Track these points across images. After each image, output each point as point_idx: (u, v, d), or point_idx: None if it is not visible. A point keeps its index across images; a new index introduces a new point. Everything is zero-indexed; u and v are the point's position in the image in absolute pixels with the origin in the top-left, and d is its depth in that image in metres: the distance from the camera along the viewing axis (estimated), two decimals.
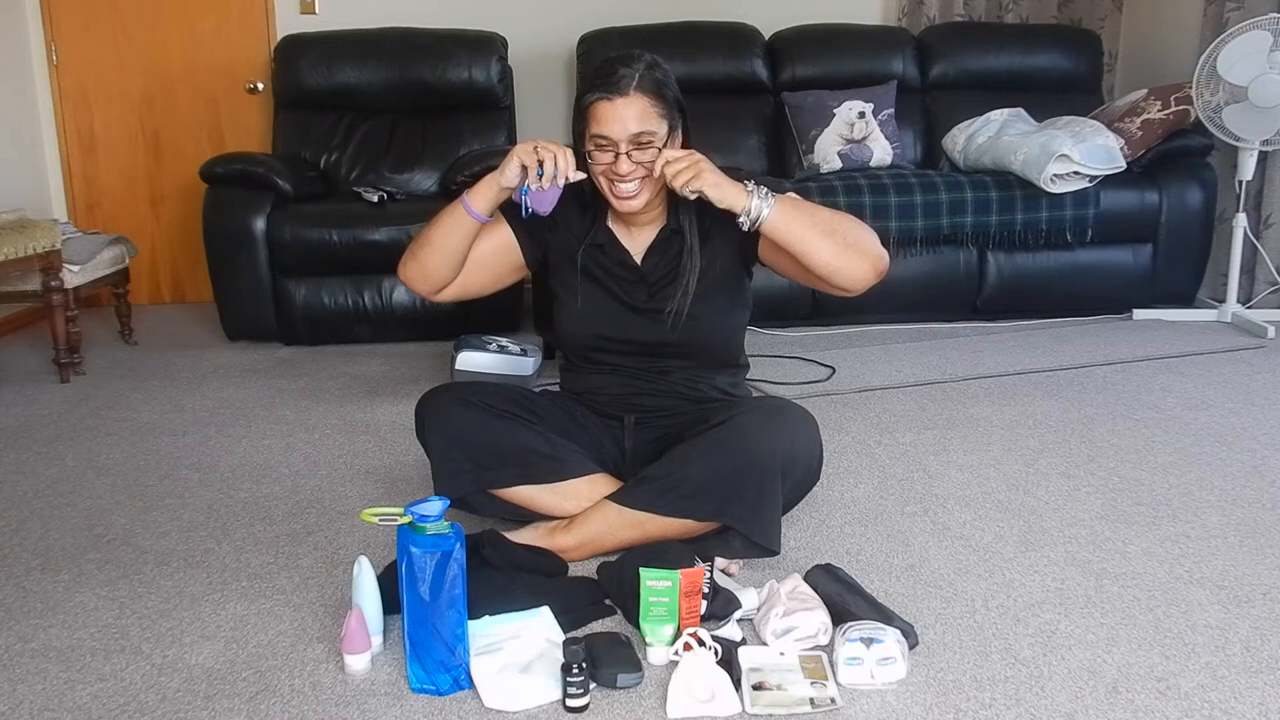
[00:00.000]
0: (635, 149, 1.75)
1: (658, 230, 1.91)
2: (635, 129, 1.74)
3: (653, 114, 1.76)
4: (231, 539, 2.00)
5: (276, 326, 3.62)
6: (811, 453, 1.86)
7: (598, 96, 1.76)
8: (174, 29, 4.41)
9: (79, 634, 1.64)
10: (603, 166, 1.78)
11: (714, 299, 1.89)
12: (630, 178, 1.77)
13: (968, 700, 1.41)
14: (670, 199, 1.88)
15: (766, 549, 1.76)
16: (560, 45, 4.52)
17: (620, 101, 1.74)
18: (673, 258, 1.89)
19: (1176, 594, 1.71)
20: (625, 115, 1.74)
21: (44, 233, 3.17)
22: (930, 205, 3.67)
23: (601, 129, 1.75)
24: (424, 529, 1.43)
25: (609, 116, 1.74)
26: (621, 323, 1.91)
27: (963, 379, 3.06)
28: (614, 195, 1.80)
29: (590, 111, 1.77)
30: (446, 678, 1.44)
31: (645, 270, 1.91)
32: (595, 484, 1.87)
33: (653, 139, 1.76)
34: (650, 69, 1.78)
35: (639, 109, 1.74)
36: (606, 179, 1.79)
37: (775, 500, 1.75)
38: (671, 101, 1.79)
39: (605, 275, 1.92)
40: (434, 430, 1.86)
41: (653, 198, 1.83)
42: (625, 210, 1.83)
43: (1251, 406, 2.74)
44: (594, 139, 1.77)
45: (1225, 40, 3.56)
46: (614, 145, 1.75)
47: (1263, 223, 3.90)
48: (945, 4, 4.64)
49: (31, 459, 2.51)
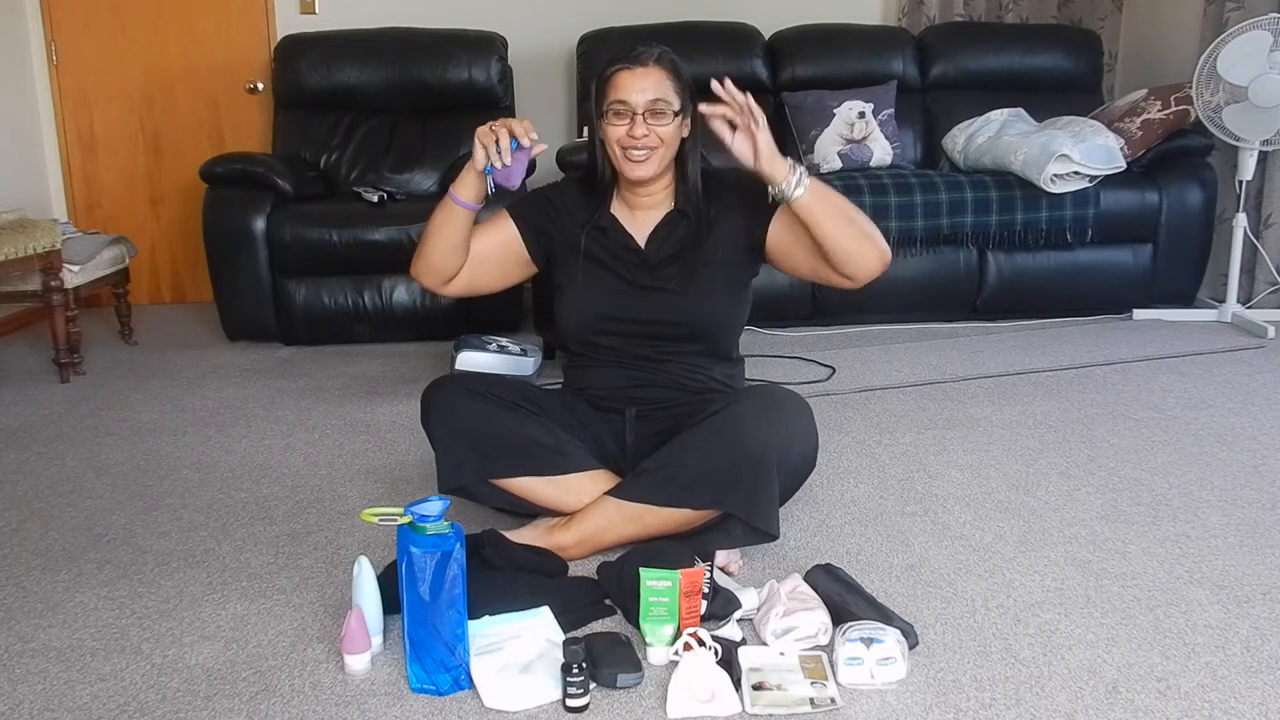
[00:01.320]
0: (651, 115, 1.82)
1: (663, 214, 1.95)
2: (652, 95, 1.82)
3: (669, 86, 1.85)
4: (231, 539, 2.01)
5: (276, 326, 3.62)
6: (807, 439, 1.86)
7: (619, 67, 1.85)
8: (174, 29, 4.41)
9: (79, 634, 1.64)
10: (619, 133, 1.84)
11: (715, 283, 1.92)
12: (642, 143, 1.83)
13: (968, 700, 1.41)
14: (678, 183, 1.93)
15: (766, 534, 1.77)
16: (560, 45, 4.52)
17: (640, 71, 1.84)
18: (677, 240, 1.93)
19: (1176, 594, 1.71)
20: (644, 83, 1.83)
21: (44, 233, 3.17)
22: (930, 205, 3.67)
23: (620, 94, 1.83)
24: (424, 529, 1.43)
25: (628, 84, 1.83)
26: (622, 302, 1.94)
27: (963, 379, 3.06)
28: (627, 160, 1.86)
29: (611, 81, 1.85)
30: (446, 678, 1.44)
31: (649, 253, 1.94)
32: (595, 480, 1.87)
33: (668, 107, 1.83)
34: (667, 52, 1.89)
35: (656, 78, 1.84)
36: (621, 147, 1.85)
37: (772, 486, 1.76)
38: (685, 84, 1.89)
39: (608, 257, 1.95)
40: (439, 419, 1.87)
41: (661, 169, 1.88)
42: (635, 176, 1.87)
43: (1251, 406, 2.74)
44: (613, 105, 1.84)
45: (1225, 40, 3.56)
46: (631, 109, 1.82)
47: (1263, 223, 3.89)
48: (945, 4, 4.64)
49: (31, 459, 2.51)
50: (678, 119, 1.86)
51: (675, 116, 1.85)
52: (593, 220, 1.96)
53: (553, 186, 2.06)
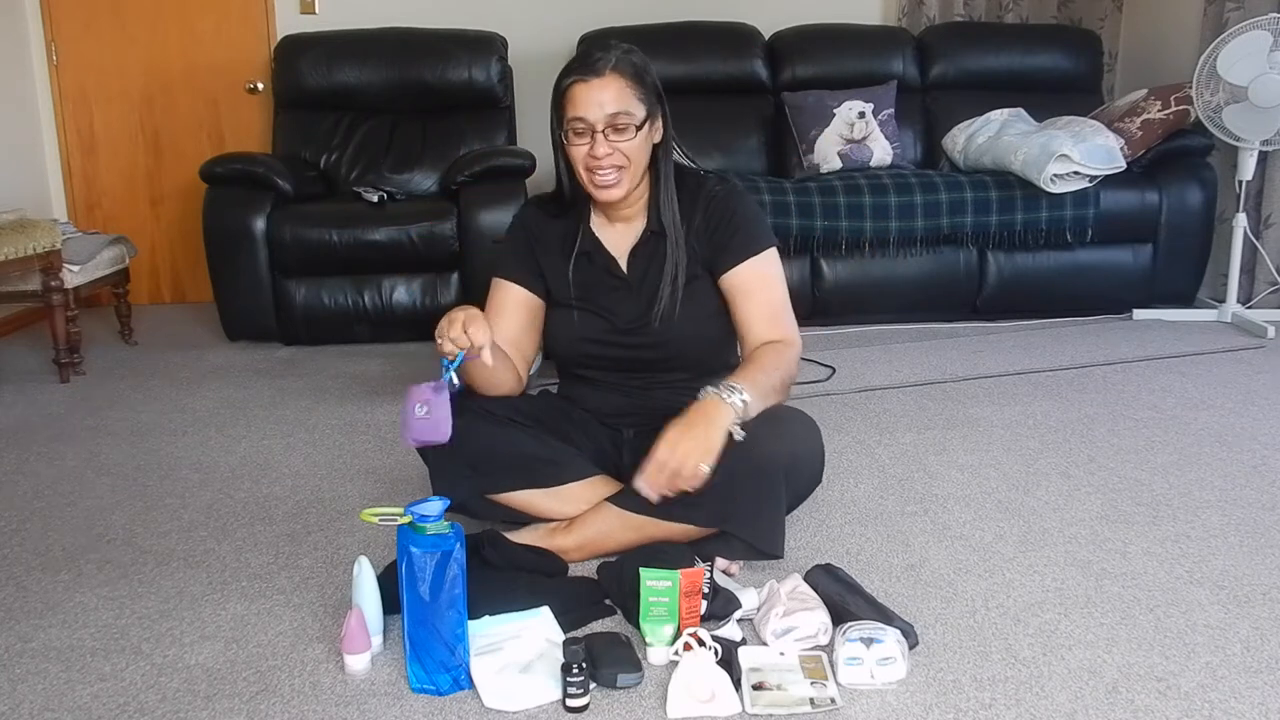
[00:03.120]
0: (612, 131, 1.73)
1: (640, 231, 1.89)
2: (612, 109, 1.71)
3: (630, 95, 1.74)
4: (231, 539, 2.00)
5: (276, 326, 3.62)
6: (814, 457, 1.85)
7: (573, 79, 1.74)
8: (174, 29, 4.41)
9: (79, 634, 1.64)
10: (581, 153, 1.75)
11: (698, 309, 1.86)
12: (606, 162, 1.74)
13: (968, 700, 1.41)
14: (652, 198, 1.87)
15: (769, 554, 1.76)
16: (560, 45, 4.52)
17: (596, 83, 1.72)
18: (658, 263, 1.87)
19: (1176, 594, 1.71)
20: (602, 97, 1.71)
21: (44, 233, 3.17)
22: (930, 205, 3.67)
23: (578, 111, 1.73)
24: (424, 529, 1.43)
25: (584, 99, 1.72)
26: (609, 340, 1.90)
27: (963, 379, 3.06)
28: (594, 185, 1.78)
29: (567, 95, 1.75)
30: (446, 678, 1.44)
31: (632, 279, 1.89)
32: (594, 487, 1.86)
33: (630, 120, 1.73)
34: (627, 54, 1.77)
35: (615, 90, 1.72)
36: (586, 169, 1.77)
37: (778, 505, 1.73)
38: (650, 87, 1.78)
39: (595, 287, 1.90)
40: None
41: (633, 187, 1.81)
42: (605, 200, 1.80)
43: (1251, 406, 2.74)
44: (571, 123, 1.74)
45: (1225, 40, 3.56)
46: (590, 127, 1.73)
47: (1263, 223, 3.89)
48: (945, 4, 4.64)
49: (31, 459, 2.51)
50: (643, 130, 1.76)
51: (639, 129, 1.75)
52: (577, 244, 1.89)
53: (524, 213, 1.98)
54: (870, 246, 3.69)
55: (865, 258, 3.72)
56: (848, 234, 3.66)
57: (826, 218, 3.66)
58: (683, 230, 1.86)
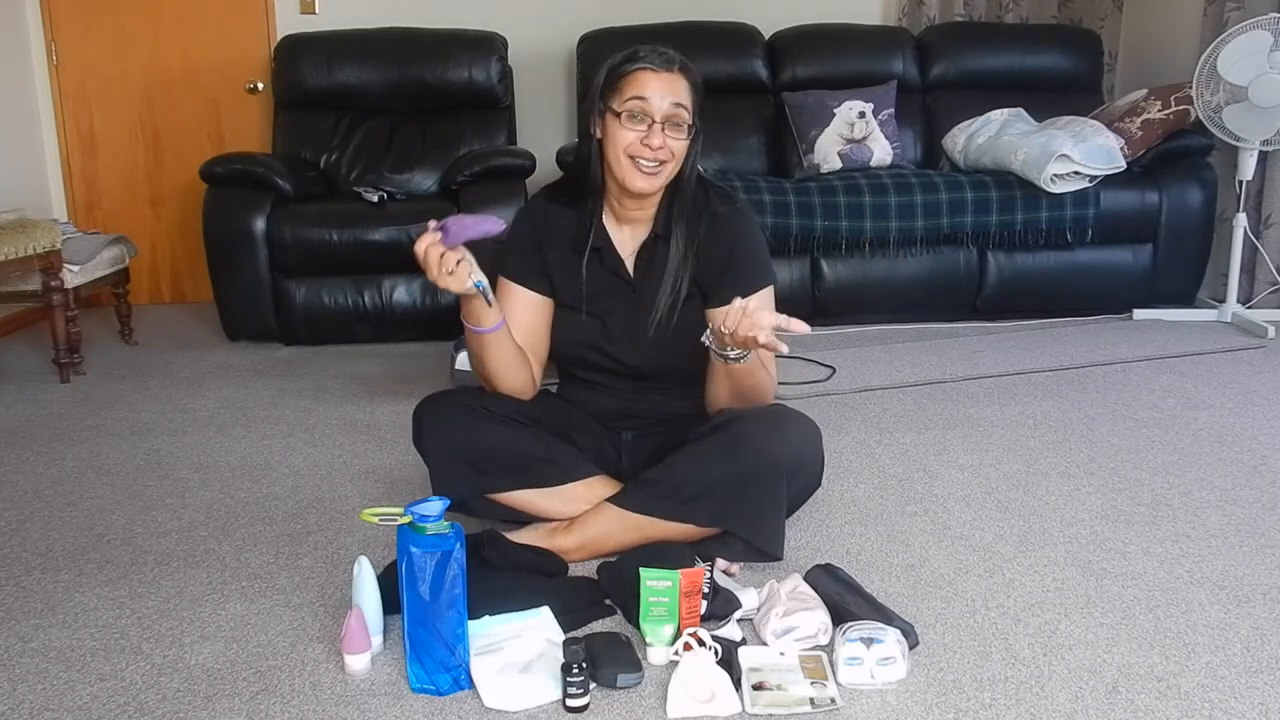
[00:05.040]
0: (670, 126, 1.74)
1: (646, 234, 1.88)
2: (676, 104, 1.73)
3: (689, 99, 1.76)
4: (231, 539, 2.00)
5: (276, 326, 3.62)
6: (815, 458, 1.85)
7: (643, 66, 1.74)
8: (174, 29, 4.41)
9: (79, 634, 1.64)
10: (630, 138, 1.74)
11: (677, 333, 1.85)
12: (657, 155, 1.74)
13: (968, 700, 1.41)
14: (667, 203, 1.86)
15: (769, 555, 1.76)
16: (560, 45, 4.52)
17: (667, 76, 1.74)
18: (658, 269, 1.86)
19: (1176, 594, 1.71)
20: (669, 89, 1.73)
21: (44, 233, 3.17)
22: (930, 205, 3.67)
23: (644, 91, 1.72)
24: (424, 529, 1.43)
25: (655, 86, 1.73)
26: (608, 347, 1.90)
27: (963, 379, 3.06)
28: (635, 170, 1.75)
29: (631, 78, 1.74)
30: (446, 678, 1.44)
31: (637, 282, 1.89)
32: (594, 486, 1.86)
33: (683, 124, 1.75)
34: (689, 65, 1.79)
35: (682, 88, 1.75)
36: (630, 155, 1.75)
37: (779, 506, 1.73)
38: (700, 103, 1.80)
39: (602, 287, 1.89)
40: (431, 437, 1.83)
41: (663, 186, 1.81)
42: (637, 189, 1.77)
43: (1251, 406, 2.74)
44: (631, 104, 1.73)
45: (1225, 40, 3.56)
46: (650, 115, 1.72)
47: (1263, 223, 3.89)
48: (945, 4, 4.64)
49: (31, 459, 2.51)
50: (691, 136, 1.78)
51: (690, 132, 1.77)
52: (590, 238, 1.87)
53: (532, 205, 1.95)
54: (870, 246, 3.69)
55: (865, 258, 3.72)
56: (848, 234, 3.66)
57: (826, 218, 3.66)
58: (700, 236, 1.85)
